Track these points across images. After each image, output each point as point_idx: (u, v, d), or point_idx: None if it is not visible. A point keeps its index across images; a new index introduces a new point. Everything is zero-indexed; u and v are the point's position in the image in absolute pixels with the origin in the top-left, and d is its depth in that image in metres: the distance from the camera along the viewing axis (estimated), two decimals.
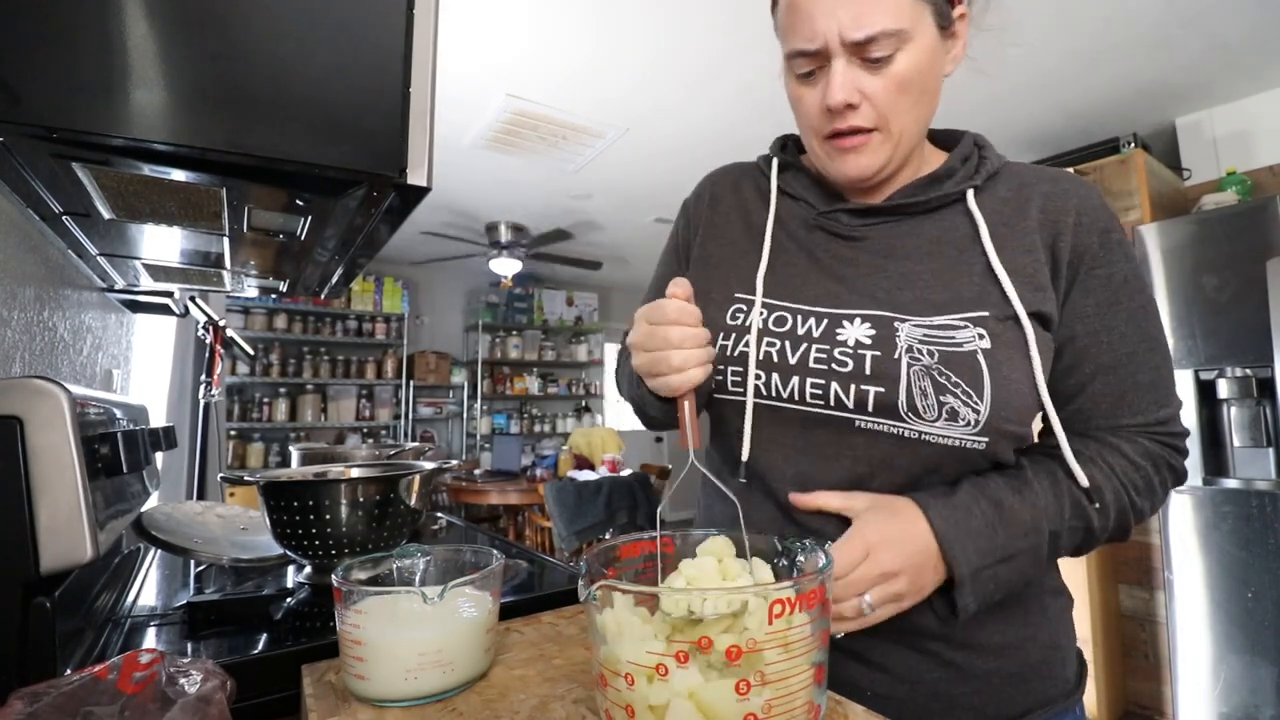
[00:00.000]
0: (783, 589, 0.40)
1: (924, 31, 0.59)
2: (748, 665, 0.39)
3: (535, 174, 3.55)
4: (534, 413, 6.14)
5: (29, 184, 0.66)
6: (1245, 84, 2.65)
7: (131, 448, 0.71)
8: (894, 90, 0.59)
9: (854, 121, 0.61)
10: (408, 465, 0.97)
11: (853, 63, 0.59)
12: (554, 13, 2.16)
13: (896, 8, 0.57)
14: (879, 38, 0.57)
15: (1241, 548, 2.10)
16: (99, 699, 0.43)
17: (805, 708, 0.41)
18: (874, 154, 0.63)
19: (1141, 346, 0.62)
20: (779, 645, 0.39)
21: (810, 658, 0.41)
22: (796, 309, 0.65)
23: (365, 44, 0.63)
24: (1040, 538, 0.59)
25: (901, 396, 0.58)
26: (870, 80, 0.59)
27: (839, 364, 0.61)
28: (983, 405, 0.57)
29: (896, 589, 0.56)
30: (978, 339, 0.59)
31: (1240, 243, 2.17)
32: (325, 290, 1.18)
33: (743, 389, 0.65)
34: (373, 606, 0.53)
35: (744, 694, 0.38)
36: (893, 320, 0.61)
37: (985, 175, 0.65)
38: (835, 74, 0.59)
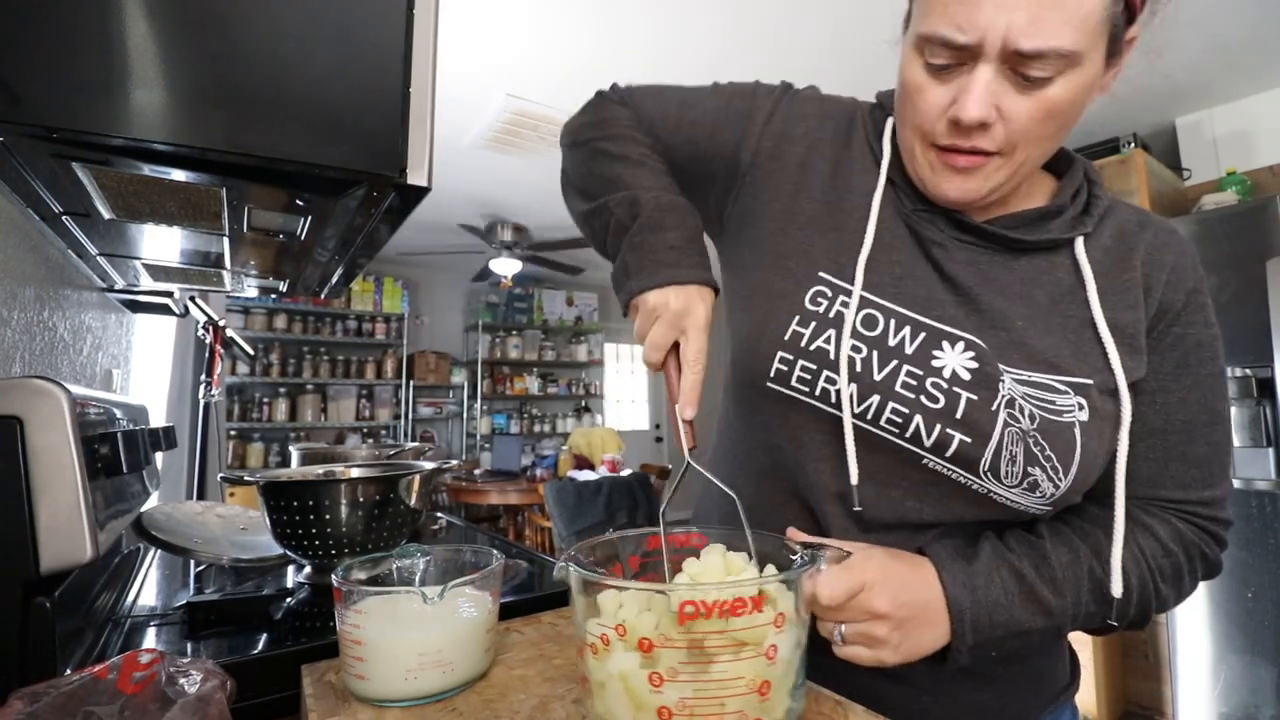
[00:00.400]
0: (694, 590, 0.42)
1: (1094, 59, 0.49)
2: (660, 660, 0.40)
3: (535, 174, 3.55)
4: (534, 413, 6.14)
5: (29, 184, 0.66)
6: (1245, 84, 2.65)
7: (131, 448, 0.71)
8: (1039, 117, 0.50)
9: (979, 142, 0.52)
10: (408, 465, 0.97)
11: (1002, 73, 0.49)
12: (554, 13, 2.16)
13: (1079, 25, 0.47)
14: (1049, 55, 0.47)
15: (1241, 548, 2.10)
16: (99, 699, 0.43)
17: (736, 716, 0.40)
18: (986, 179, 0.54)
19: (1201, 417, 0.57)
20: (691, 646, 0.40)
21: (743, 667, 0.40)
22: (892, 310, 0.57)
23: (365, 44, 0.63)
24: (1053, 619, 0.54)
25: (988, 456, 0.52)
26: (1016, 100, 0.50)
27: (929, 397, 0.53)
28: (1064, 481, 0.52)
29: (877, 632, 0.51)
30: (1077, 409, 0.53)
31: (1240, 243, 2.17)
32: (325, 290, 1.19)
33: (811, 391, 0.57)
34: (373, 606, 0.53)
35: (657, 686, 0.40)
36: (995, 358, 0.54)
37: (1096, 219, 0.58)
38: (978, 83, 0.49)
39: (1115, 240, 0.59)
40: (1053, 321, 0.56)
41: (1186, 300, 0.58)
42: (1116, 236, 0.59)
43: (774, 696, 0.41)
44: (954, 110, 0.51)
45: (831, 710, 0.49)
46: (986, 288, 0.57)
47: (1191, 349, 0.57)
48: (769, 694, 0.41)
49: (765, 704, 0.41)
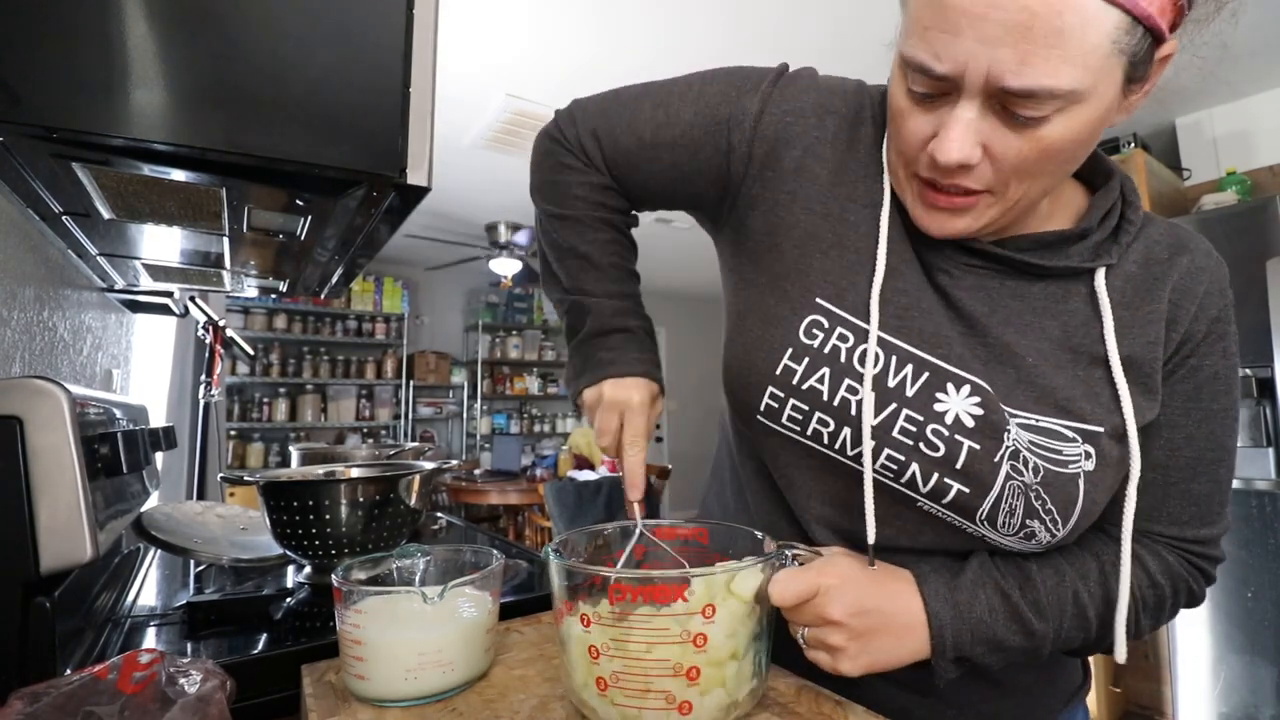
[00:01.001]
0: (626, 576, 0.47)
1: (1104, 93, 0.42)
2: (594, 635, 0.45)
3: None
4: (534, 413, 6.14)
5: (29, 184, 0.66)
6: (1245, 84, 2.65)
7: (131, 448, 0.71)
8: (1032, 158, 0.44)
9: (961, 181, 0.46)
10: (408, 465, 0.97)
11: (988, 110, 0.43)
12: (554, 13, 2.16)
13: (1081, 63, 0.40)
14: (1041, 95, 0.40)
15: (1241, 548, 2.10)
16: (99, 699, 0.43)
17: (662, 695, 0.44)
18: (973, 218, 0.49)
19: (1208, 454, 0.54)
20: (615, 625, 0.45)
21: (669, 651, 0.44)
22: (895, 346, 0.52)
23: (365, 44, 0.63)
24: (1034, 641, 0.52)
25: (985, 508, 0.50)
26: (1006, 139, 0.44)
27: (929, 444, 0.50)
28: (1062, 530, 0.50)
29: (831, 639, 0.49)
30: (1084, 459, 0.49)
31: (1240, 243, 2.17)
32: (325, 290, 1.19)
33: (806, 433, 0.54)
34: (373, 606, 0.53)
35: (595, 659, 0.45)
36: (999, 402, 0.50)
37: (1124, 247, 0.53)
38: (959, 122, 0.43)
39: (1141, 268, 0.53)
40: (1063, 357, 0.52)
41: (1209, 330, 0.53)
42: (1143, 264, 0.54)
43: (705, 683, 0.44)
44: (932, 147, 0.46)
45: (831, 710, 0.49)
46: (995, 318, 0.53)
47: (1206, 381, 0.54)
48: (698, 679, 0.44)
49: (694, 688, 0.44)
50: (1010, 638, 0.52)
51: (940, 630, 0.51)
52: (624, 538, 0.57)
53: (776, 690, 0.53)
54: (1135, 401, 0.50)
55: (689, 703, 0.44)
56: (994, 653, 0.52)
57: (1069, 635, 0.53)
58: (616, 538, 0.59)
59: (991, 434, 0.49)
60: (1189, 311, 0.53)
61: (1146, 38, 0.42)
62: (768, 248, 0.57)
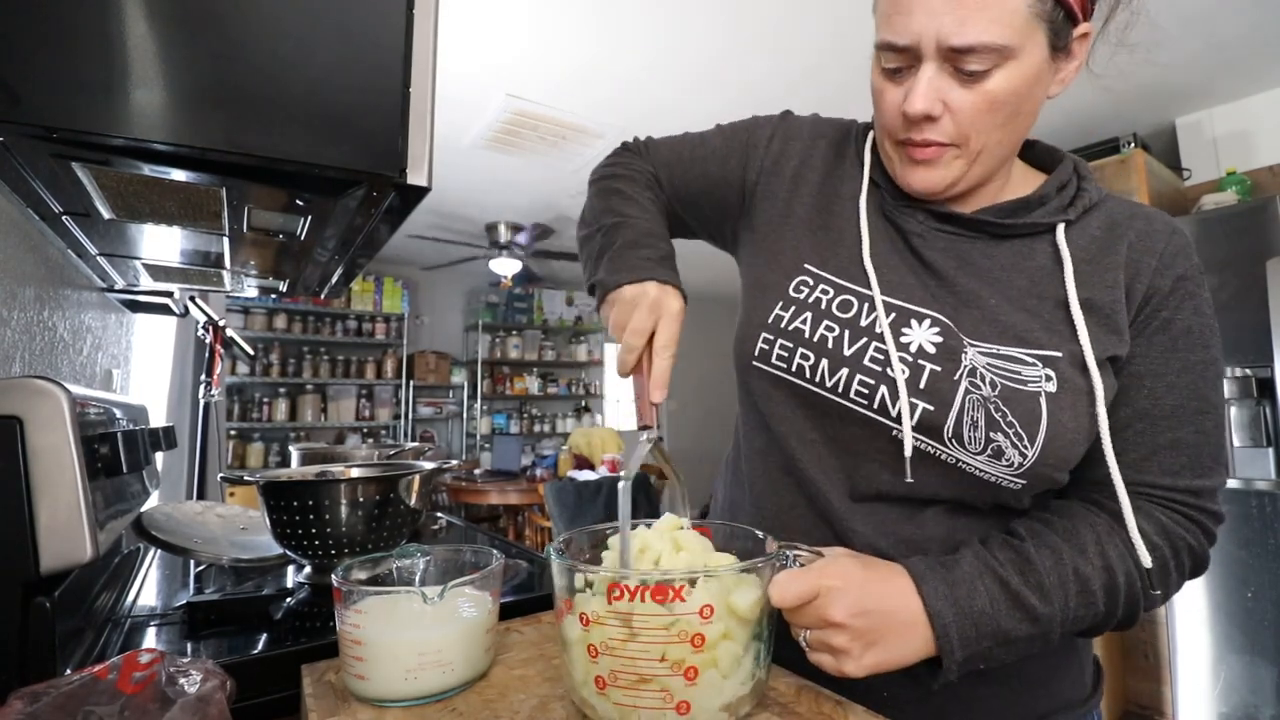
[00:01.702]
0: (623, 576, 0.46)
1: (1031, 51, 0.53)
2: (593, 634, 0.46)
3: (535, 174, 3.55)
4: (534, 413, 6.14)
5: (29, 184, 0.66)
6: (1245, 84, 2.65)
7: (131, 448, 0.71)
8: (983, 108, 0.54)
9: (930, 134, 0.57)
10: (407, 465, 0.97)
11: (943, 70, 0.54)
12: (554, 13, 2.16)
13: (1007, 22, 0.51)
14: (979, 49, 0.51)
15: (1241, 547, 2.10)
16: (99, 699, 0.43)
17: (659, 694, 0.44)
18: (946, 169, 0.59)
19: (1191, 404, 0.57)
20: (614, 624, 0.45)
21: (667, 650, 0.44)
22: (863, 295, 0.61)
23: (365, 44, 0.63)
24: (1040, 626, 0.53)
25: (950, 422, 0.55)
26: (959, 93, 0.54)
27: (894, 369, 0.57)
28: (1032, 450, 0.54)
29: (834, 641, 0.50)
30: (1044, 380, 0.55)
31: (1240, 243, 2.17)
32: (325, 290, 1.19)
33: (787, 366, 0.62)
34: (373, 606, 0.53)
35: (594, 657, 0.46)
36: (960, 335, 0.58)
37: (1081, 209, 0.61)
38: (921, 80, 0.54)
39: (1104, 230, 0.61)
40: (1028, 302, 0.59)
41: (1174, 286, 0.58)
42: (1106, 227, 0.61)
43: (703, 683, 0.45)
44: (904, 106, 0.56)
45: (831, 710, 0.49)
46: (962, 271, 0.61)
47: (1180, 334, 0.58)
48: (696, 679, 0.44)
49: (694, 688, 0.44)
50: (1016, 627, 0.52)
51: (945, 630, 0.51)
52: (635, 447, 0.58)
53: (776, 690, 0.53)
54: (1094, 334, 0.56)
55: (687, 702, 0.44)
56: (1002, 646, 0.53)
57: (1076, 614, 0.54)
58: None
59: (950, 357, 0.57)
60: (1150, 265, 0.58)
61: (1060, 10, 0.53)
62: (769, 234, 0.70)
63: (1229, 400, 2.17)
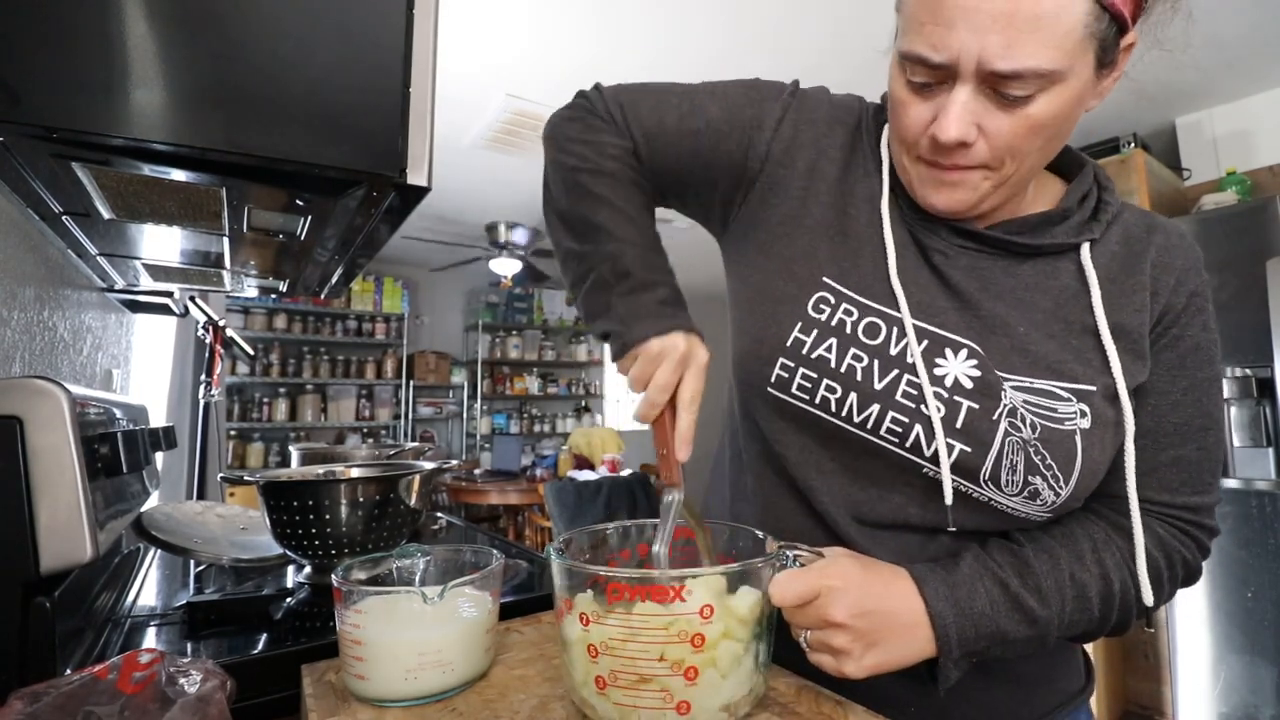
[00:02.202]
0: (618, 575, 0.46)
1: (1079, 73, 0.48)
2: (593, 634, 0.46)
3: (535, 174, 3.54)
4: (534, 413, 6.14)
5: (29, 184, 0.66)
6: (1245, 84, 2.65)
7: (131, 448, 0.71)
8: (1022, 134, 0.49)
9: (959, 159, 0.52)
10: (408, 465, 0.97)
11: (981, 93, 0.48)
12: (554, 13, 2.16)
13: (1058, 44, 0.45)
14: (1026, 75, 0.46)
15: (1241, 547, 2.10)
16: (99, 699, 0.43)
17: (659, 694, 0.44)
18: (973, 191, 0.53)
19: (1195, 421, 0.56)
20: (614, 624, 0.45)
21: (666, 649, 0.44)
22: (893, 318, 0.56)
23: (365, 44, 0.63)
24: (1038, 629, 0.53)
25: (988, 465, 0.52)
26: (997, 118, 0.49)
27: (929, 406, 0.53)
28: (1065, 489, 0.52)
29: (835, 641, 0.50)
30: (1079, 417, 0.53)
31: (1240, 243, 2.17)
32: (325, 290, 1.19)
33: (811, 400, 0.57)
34: (373, 606, 0.53)
35: (594, 657, 0.46)
36: (994, 366, 0.54)
37: (1104, 225, 0.58)
38: (955, 103, 0.49)
39: (1123, 246, 0.58)
40: (1055, 328, 0.56)
41: (1188, 303, 0.57)
42: (1124, 242, 0.58)
43: (704, 683, 0.45)
44: (933, 129, 0.51)
45: (831, 710, 0.49)
46: (987, 294, 0.57)
47: (1189, 351, 0.57)
48: (696, 679, 0.44)
49: (694, 688, 0.44)
50: (1014, 628, 0.52)
51: (945, 630, 0.51)
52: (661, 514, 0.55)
53: (776, 690, 0.53)
54: (1125, 364, 0.54)
55: (687, 702, 0.44)
56: (1000, 645, 0.53)
57: (1072, 619, 0.53)
58: (618, 537, 0.59)
59: (989, 393, 0.53)
60: (1168, 284, 0.56)
61: (1113, 25, 0.48)
62: (780, 235, 0.62)
63: (1228, 400, 2.17)
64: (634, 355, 0.58)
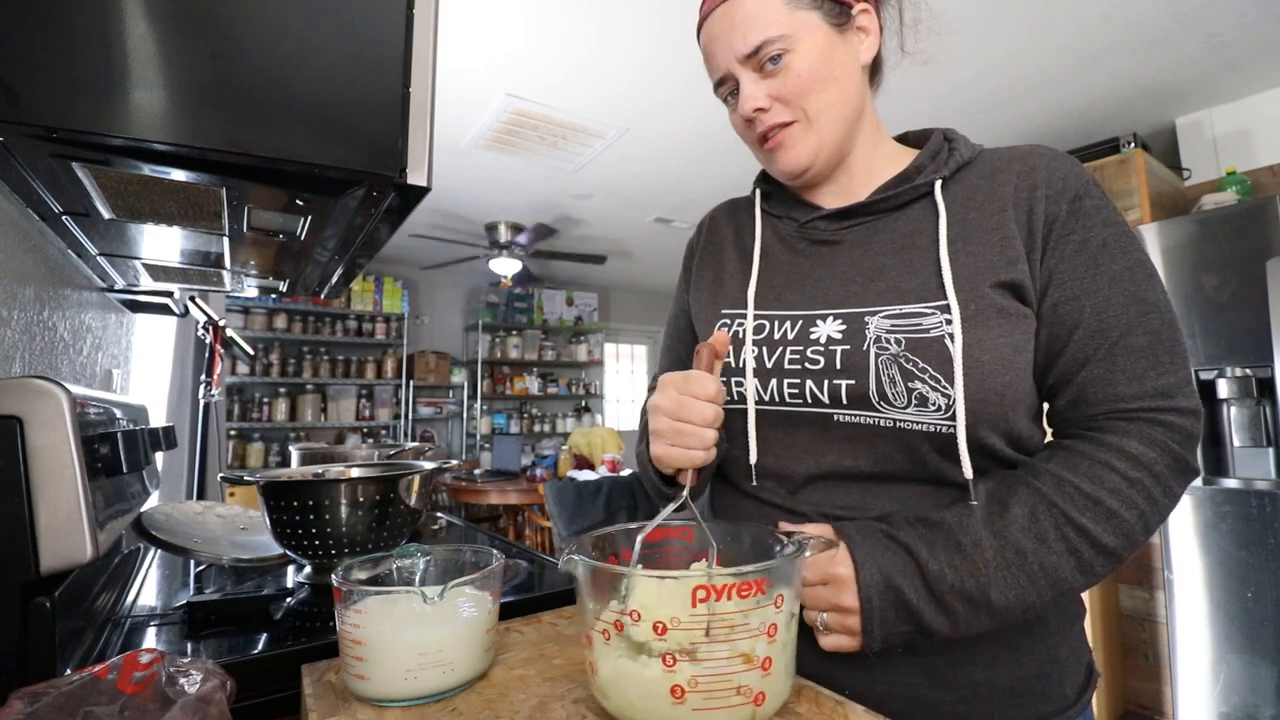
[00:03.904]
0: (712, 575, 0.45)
1: (811, 33, 0.64)
2: (671, 640, 0.44)
3: (535, 174, 3.55)
4: (534, 413, 6.14)
5: (29, 184, 0.66)
6: (1245, 84, 2.65)
7: (131, 448, 0.71)
8: (794, 84, 0.64)
9: (769, 120, 0.66)
10: (408, 465, 0.97)
11: (753, 74, 0.66)
12: (554, 12, 2.16)
13: (776, 20, 0.63)
14: (763, 46, 0.63)
15: (1241, 547, 2.10)
16: (99, 699, 0.43)
17: (735, 690, 0.44)
18: (798, 143, 0.67)
19: (1131, 309, 0.59)
20: (702, 628, 0.44)
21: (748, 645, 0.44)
22: (774, 315, 0.69)
23: (365, 44, 0.63)
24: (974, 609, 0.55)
25: (871, 386, 0.61)
26: (772, 83, 0.65)
27: (811, 362, 0.64)
28: (953, 390, 0.57)
29: (852, 623, 0.57)
30: (944, 324, 0.59)
31: (1240, 243, 2.17)
32: (325, 290, 1.18)
33: (729, 397, 0.69)
34: (373, 606, 0.53)
35: (670, 666, 0.43)
36: (863, 315, 0.63)
37: (954, 166, 0.67)
38: (743, 88, 0.66)
39: (986, 178, 0.65)
40: (927, 259, 0.64)
41: (1071, 207, 0.61)
42: (988, 174, 0.66)
43: (775, 671, 0.45)
44: (739, 112, 0.67)
45: (831, 710, 0.49)
46: (870, 252, 0.67)
47: (1098, 249, 0.60)
48: (770, 669, 0.45)
49: (768, 679, 0.45)
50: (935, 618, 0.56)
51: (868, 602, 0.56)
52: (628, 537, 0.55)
53: None
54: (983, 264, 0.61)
55: (763, 693, 0.45)
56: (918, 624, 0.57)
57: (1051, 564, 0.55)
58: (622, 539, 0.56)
59: (856, 336, 0.63)
60: (1041, 195, 0.62)
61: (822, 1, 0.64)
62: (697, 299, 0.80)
63: (1229, 400, 2.17)
64: None
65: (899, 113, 2.76)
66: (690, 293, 0.82)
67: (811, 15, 0.64)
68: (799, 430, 0.66)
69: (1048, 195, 0.62)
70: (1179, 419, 0.57)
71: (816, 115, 0.66)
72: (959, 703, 0.59)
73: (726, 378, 0.69)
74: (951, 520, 0.57)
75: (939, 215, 0.64)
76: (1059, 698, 0.61)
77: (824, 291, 0.68)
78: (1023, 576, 0.55)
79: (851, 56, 0.66)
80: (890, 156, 0.72)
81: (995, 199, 0.64)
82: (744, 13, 0.64)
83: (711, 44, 0.67)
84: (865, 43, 0.67)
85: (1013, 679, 0.60)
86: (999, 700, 0.59)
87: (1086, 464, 0.57)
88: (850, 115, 0.68)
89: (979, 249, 0.62)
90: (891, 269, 0.65)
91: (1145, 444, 0.56)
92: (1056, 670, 0.62)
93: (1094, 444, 0.58)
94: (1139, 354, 0.58)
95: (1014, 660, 0.60)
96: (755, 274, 0.73)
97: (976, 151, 0.68)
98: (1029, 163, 0.64)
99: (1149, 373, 0.58)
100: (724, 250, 0.80)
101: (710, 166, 3.44)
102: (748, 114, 0.66)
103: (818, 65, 0.64)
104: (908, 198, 0.67)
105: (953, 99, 2.71)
